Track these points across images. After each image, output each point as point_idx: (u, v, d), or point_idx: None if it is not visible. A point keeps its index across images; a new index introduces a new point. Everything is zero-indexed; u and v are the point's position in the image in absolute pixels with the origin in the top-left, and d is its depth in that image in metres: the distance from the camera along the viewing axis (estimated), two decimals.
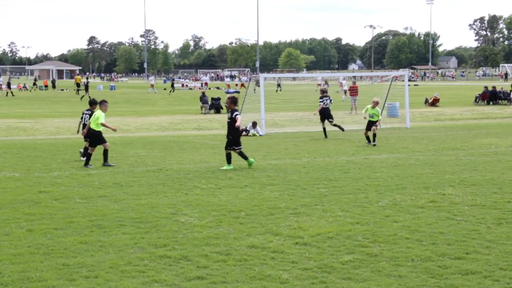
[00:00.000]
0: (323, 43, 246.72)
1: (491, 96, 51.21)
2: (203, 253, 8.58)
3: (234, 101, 16.92)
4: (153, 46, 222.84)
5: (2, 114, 41.40)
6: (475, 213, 10.97)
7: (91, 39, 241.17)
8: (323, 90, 26.52)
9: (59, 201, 12.27)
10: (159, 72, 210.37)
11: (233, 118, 16.59)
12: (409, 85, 36.21)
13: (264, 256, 8.45)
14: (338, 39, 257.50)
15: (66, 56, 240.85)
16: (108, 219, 10.63)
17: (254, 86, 34.51)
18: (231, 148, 16.66)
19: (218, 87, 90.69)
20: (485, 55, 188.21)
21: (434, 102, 49.19)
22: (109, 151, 17.74)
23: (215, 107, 43.88)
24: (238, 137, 16.86)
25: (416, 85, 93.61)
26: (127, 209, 11.47)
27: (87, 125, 17.80)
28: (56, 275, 7.66)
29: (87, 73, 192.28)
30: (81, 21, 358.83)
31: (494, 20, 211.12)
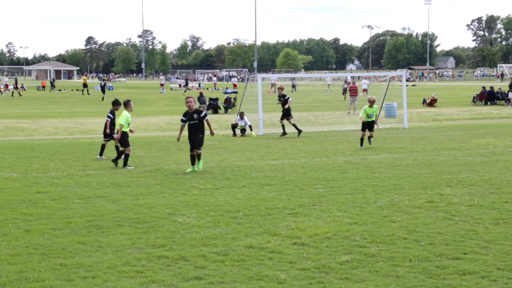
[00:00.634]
0: (321, 43, 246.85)
1: (489, 97, 51.24)
2: (201, 253, 8.58)
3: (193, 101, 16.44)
4: (151, 47, 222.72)
5: (0, 115, 41.35)
6: (473, 213, 10.98)
7: (89, 40, 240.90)
8: (281, 88, 27.73)
9: (56, 202, 12.26)
10: (157, 72, 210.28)
11: (201, 118, 16.15)
12: (406, 85, 36.21)
13: (262, 256, 8.45)
14: (336, 40, 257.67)
15: (64, 56, 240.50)
16: (106, 220, 10.63)
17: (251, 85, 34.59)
18: (199, 148, 16.21)
19: (215, 87, 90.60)
20: (483, 55, 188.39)
21: (432, 103, 49.22)
22: (105, 151, 17.62)
23: (213, 107, 43.95)
24: (203, 137, 16.52)
25: (414, 85, 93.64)
26: (125, 210, 11.47)
27: (120, 128, 17.20)
28: (53, 275, 7.66)
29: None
30: (79, 21, 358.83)
31: (491, 20, 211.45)
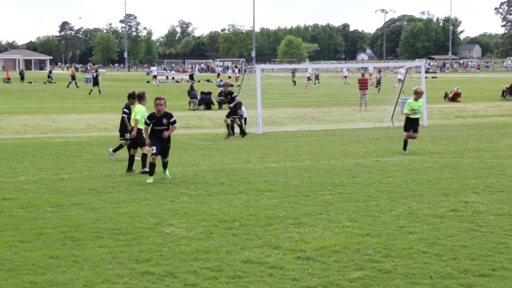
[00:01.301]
0: (328, 29, 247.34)
1: None
2: (191, 269, 8.57)
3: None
4: (134, 33, 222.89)
5: None
6: (502, 224, 10.97)
7: (64, 25, 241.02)
8: (227, 85, 28.02)
9: (26, 210, 12.24)
10: (141, 62, 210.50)
11: (171, 124, 15.77)
12: (426, 78, 36.25)
13: (260, 272, 8.44)
14: (345, 25, 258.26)
15: (35, 44, 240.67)
16: (82, 231, 10.61)
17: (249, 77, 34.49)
18: (166, 157, 15.94)
19: (208, 80, 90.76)
20: None
21: (455, 97, 49.27)
22: (83, 152, 17.62)
23: (205, 102, 43.90)
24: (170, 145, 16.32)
25: (434, 78, 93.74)
26: (105, 219, 11.44)
27: (135, 124, 17.15)
28: None
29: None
30: (52, 3, 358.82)
31: None
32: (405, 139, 20.74)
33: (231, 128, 26.73)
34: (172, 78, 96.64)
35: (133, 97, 18.21)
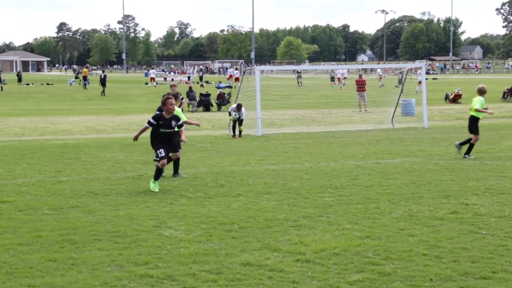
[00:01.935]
0: (327, 30, 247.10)
1: None
2: (190, 271, 8.58)
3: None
4: (132, 34, 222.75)
5: None
6: (503, 226, 10.99)
7: (61, 26, 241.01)
8: (175, 86, 26.99)
9: (24, 212, 12.25)
10: (139, 64, 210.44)
11: (179, 127, 15.19)
12: (426, 79, 36.26)
13: (260, 275, 8.46)
14: (345, 26, 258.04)
15: (32, 45, 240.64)
16: (81, 233, 10.62)
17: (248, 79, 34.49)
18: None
19: (207, 82, 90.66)
20: None
21: (456, 98, 49.28)
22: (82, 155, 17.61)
23: (204, 104, 43.98)
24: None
25: (434, 79, 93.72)
26: (103, 222, 11.46)
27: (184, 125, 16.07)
28: None
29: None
30: (49, 5, 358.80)
31: None
32: (474, 142, 19.52)
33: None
34: (172, 79, 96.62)
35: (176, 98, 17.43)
